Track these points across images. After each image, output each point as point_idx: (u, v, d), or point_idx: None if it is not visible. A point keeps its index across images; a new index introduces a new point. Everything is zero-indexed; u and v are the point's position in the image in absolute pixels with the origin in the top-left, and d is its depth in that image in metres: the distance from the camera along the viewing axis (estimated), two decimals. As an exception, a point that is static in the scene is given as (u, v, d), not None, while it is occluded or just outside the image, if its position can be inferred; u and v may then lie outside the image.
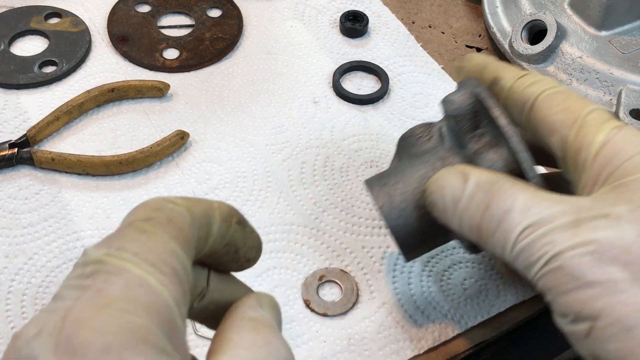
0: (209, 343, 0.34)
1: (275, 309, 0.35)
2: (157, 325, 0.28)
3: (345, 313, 0.54)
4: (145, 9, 0.77)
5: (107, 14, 0.76)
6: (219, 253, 0.35)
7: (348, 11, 0.76)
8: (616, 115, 0.65)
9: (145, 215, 0.32)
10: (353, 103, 0.69)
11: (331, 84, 0.70)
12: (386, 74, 0.71)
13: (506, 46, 0.72)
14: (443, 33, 0.77)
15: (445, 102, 0.46)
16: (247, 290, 0.38)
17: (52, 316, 0.28)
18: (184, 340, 0.30)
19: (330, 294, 0.55)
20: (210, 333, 0.39)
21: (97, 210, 0.60)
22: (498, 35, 0.73)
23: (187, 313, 0.31)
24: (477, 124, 0.45)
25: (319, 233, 0.59)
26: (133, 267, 0.30)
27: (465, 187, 0.41)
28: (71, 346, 0.27)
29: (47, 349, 0.27)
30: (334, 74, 0.70)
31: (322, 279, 0.55)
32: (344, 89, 0.69)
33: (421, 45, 0.75)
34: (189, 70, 0.71)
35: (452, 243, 0.57)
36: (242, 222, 0.36)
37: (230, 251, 0.36)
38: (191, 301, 0.34)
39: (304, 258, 0.57)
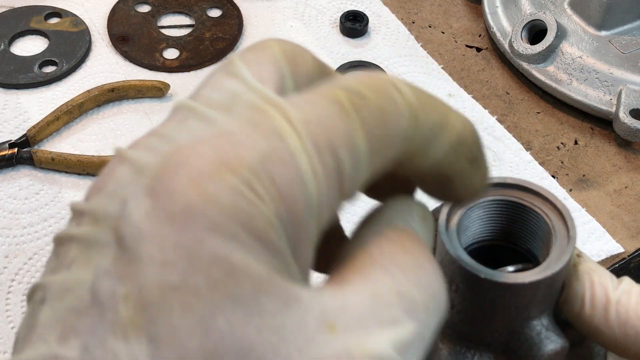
0: None
1: (428, 223, 0.27)
2: (283, 219, 0.22)
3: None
4: (145, 9, 0.77)
5: (107, 14, 0.76)
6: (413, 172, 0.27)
7: (348, 11, 0.76)
8: (616, 115, 0.65)
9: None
10: (353, 103, 0.69)
11: (331, 84, 0.70)
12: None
13: (506, 46, 0.72)
14: (443, 33, 0.77)
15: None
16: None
17: (153, 153, 0.23)
18: (310, 250, 0.23)
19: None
20: None
21: (97, 210, 0.60)
22: (498, 35, 0.73)
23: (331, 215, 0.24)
24: None
25: (319, 233, 0.59)
26: (286, 127, 0.22)
27: None
28: (170, 206, 0.21)
29: (141, 189, 0.22)
30: (334, 74, 0.70)
31: (322, 279, 0.55)
32: (344, 89, 0.69)
33: (421, 45, 0.75)
34: (189, 70, 0.71)
35: None
36: (476, 161, 0.27)
37: (435, 179, 0.27)
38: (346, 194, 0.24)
39: (304, 258, 0.57)
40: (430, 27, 0.78)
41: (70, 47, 0.72)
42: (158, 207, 0.21)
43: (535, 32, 0.72)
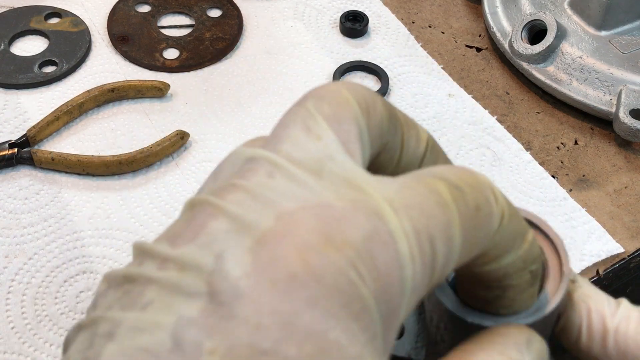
0: None
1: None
2: (379, 302, 0.22)
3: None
4: (145, 9, 0.77)
5: (107, 14, 0.76)
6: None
7: (348, 11, 0.76)
8: (616, 115, 0.65)
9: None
10: (353, 103, 0.69)
11: (331, 84, 0.70)
12: (386, 74, 0.71)
13: (506, 46, 0.72)
14: (443, 33, 0.77)
15: None
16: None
17: (254, 213, 0.22)
18: (395, 334, 0.23)
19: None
20: None
21: (97, 210, 0.60)
22: (498, 35, 0.73)
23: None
24: None
25: (319, 233, 0.59)
26: (387, 208, 0.23)
27: None
28: (272, 271, 0.21)
29: (241, 248, 0.21)
30: (334, 74, 0.70)
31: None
32: (344, 89, 0.69)
33: (421, 45, 0.75)
34: (189, 70, 0.71)
35: None
36: (535, 277, 0.29)
37: (490, 286, 0.28)
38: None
39: (304, 258, 0.57)
40: (430, 27, 0.78)
41: (70, 47, 0.72)
42: (259, 270, 0.21)
43: (535, 32, 0.72)
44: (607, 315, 0.31)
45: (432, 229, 0.23)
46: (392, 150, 0.28)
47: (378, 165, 0.28)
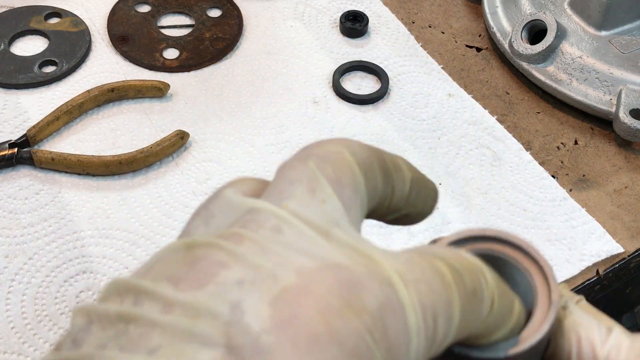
0: None
1: None
2: None
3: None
4: (145, 9, 0.77)
5: (107, 14, 0.76)
6: None
7: (348, 11, 0.76)
8: (616, 115, 0.65)
9: None
10: (353, 103, 0.69)
11: (331, 84, 0.70)
12: (386, 74, 0.71)
13: (506, 46, 0.72)
14: (443, 33, 0.77)
15: None
16: None
17: (271, 265, 0.22)
18: None
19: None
20: None
21: (97, 210, 0.60)
22: (498, 35, 0.73)
23: None
24: None
25: (319, 233, 0.59)
26: (398, 280, 0.23)
27: None
28: (295, 330, 0.21)
29: (260, 301, 0.21)
30: (334, 74, 0.70)
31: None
32: (344, 89, 0.69)
33: (421, 45, 0.75)
34: (189, 70, 0.71)
35: None
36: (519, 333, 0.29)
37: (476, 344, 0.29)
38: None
39: (304, 258, 0.57)
40: (430, 27, 0.78)
41: (70, 47, 0.72)
42: (280, 327, 0.21)
43: (535, 32, 0.72)
44: (598, 343, 0.30)
45: (436, 306, 0.24)
46: (384, 199, 0.29)
47: (369, 212, 0.29)
